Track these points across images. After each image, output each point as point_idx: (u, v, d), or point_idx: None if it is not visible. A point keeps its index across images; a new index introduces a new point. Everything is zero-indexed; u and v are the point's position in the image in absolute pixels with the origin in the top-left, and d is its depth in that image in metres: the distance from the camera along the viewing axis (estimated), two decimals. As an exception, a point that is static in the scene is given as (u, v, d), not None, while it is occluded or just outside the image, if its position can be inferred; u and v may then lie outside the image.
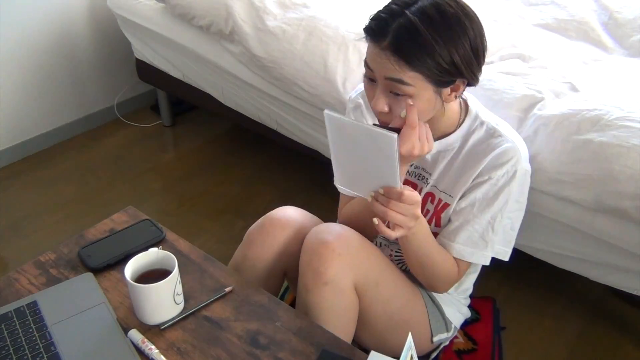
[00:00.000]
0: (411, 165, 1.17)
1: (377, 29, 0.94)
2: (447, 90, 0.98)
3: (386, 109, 0.97)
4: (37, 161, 2.33)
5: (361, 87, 1.18)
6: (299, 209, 1.23)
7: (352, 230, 1.10)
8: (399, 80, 0.93)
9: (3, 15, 2.09)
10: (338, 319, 1.06)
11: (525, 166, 1.09)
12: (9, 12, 2.11)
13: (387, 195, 0.89)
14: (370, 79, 1.00)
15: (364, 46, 1.63)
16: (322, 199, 1.31)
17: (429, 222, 1.13)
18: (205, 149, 2.43)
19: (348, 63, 1.58)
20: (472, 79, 0.98)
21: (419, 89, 0.94)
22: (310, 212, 1.25)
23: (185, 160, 2.37)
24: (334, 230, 1.07)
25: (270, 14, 1.72)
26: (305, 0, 1.75)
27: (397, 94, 0.95)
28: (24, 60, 2.22)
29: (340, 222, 1.21)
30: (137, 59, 2.31)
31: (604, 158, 1.22)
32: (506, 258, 1.16)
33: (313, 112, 1.71)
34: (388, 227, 0.93)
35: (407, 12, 0.92)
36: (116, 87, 2.58)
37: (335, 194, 1.31)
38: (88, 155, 2.38)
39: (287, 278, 1.26)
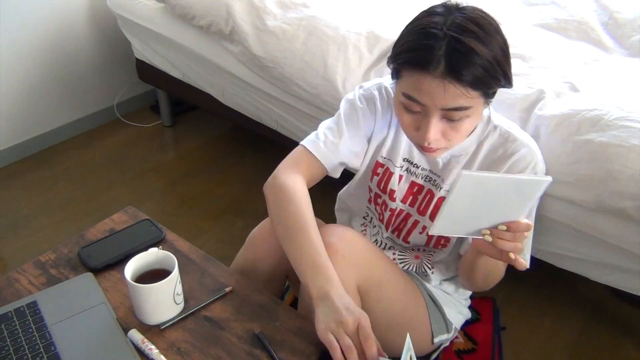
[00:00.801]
0: (425, 170, 1.14)
1: (423, 58, 0.89)
2: (490, 101, 0.98)
3: (441, 137, 0.96)
4: (37, 161, 2.33)
5: (364, 84, 1.17)
6: None
7: (355, 231, 1.10)
8: (461, 107, 0.91)
9: (3, 16, 2.09)
10: None
11: (542, 167, 1.09)
12: (9, 12, 2.11)
13: (515, 230, 0.86)
14: (407, 109, 0.96)
15: (364, 46, 1.64)
16: (322, 198, 1.30)
17: None
18: (205, 149, 2.43)
19: (348, 63, 1.58)
20: (511, 81, 0.97)
21: (476, 106, 0.93)
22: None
23: (185, 160, 2.37)
24: (337, 232, 1.06)
25: (270, 13, 1.72)
26: (305, 0, 1.75)
27: (453, 120, 0.94)
28: (24, 60, 2.22)
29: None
30: (137, 59, 2.31)
31: (604, 158, 1.22)
32: (527, 264, 1.13)
33: (313, 112, 1.71)
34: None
35: (449, 32, 0.88)
36: (116, 87, 2.58)
37: (335, 194, 1.31)
38: (88, 155, 2.38)
39: (289, 280, 1.26)
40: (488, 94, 0.95)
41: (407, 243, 1.21)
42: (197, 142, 2.47)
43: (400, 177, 1.15)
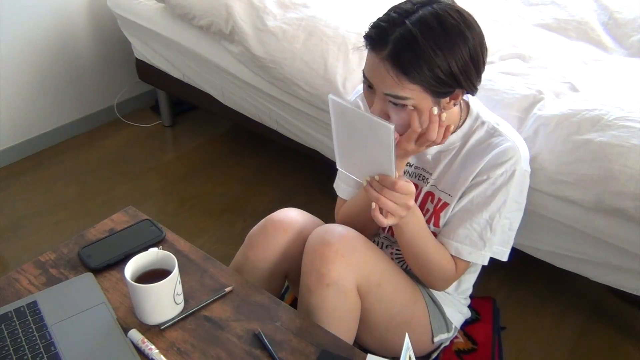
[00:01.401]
0: (411, 166, 1.17)
1: (376, 37, 0.93)
2: (445, 100, 0.98)
3: (383, 117, 0.98)
4: (37, 161, 2.33)
5: (360, 88, 1.18)
6: (300, 210, 1.23)
7: (355, 231, 1.10)
8: (397, 96, 0.94)
9: (3, 16, 2.09)
10: (340, 320, 1.06)
11: (524, 167, 1.09)
12: (9, 13, 2.11)
13: (382, 183, 0.90)
14: (369, 86, 1.00)
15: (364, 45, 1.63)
16: (322, 198, 1.31)
17: (428, 221, 1.13)
18: (205, 149, 2.43)
19: (348, 63, 1.58)
20: (470, 89, 0.98)
21: (418, 100, 0.94)
22: (311, 212, 1.25)
23: (186, 160, 2.37)
24: (337, 232, 1.07)
25: (270, 14, 1.72)
26: (305, 0, 1.75)
27: (396, 104, 0.96)
28: (24, 60, 2.22)
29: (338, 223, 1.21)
30: (137, 59, 2.31)
31: (604, 158, 1.22)
32: (504, 258, 1.16)
33: (313, 112, 1.71)
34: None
35: (407, 21, 0.90)
36: (116, 87, 2.58)
37: (335, 194, 1.31)
38: (88, 155, 2.38)
39: (288, 279, 1.26)
40: (437, 93, 0.95)
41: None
42: (197, 142, 2.47)
43: None
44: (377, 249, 1.14)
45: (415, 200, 1.14)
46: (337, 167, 0.98)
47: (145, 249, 0.98)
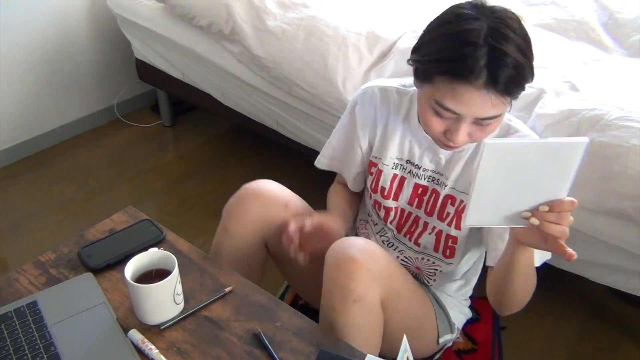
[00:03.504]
0: (427, 170, 1.13)
1: (466, 68, 0.85)
2: None
3: (469, 140, 0.96)
4: (37, 161, 2.33)
5: (363, 88, 1.17)
6: (274, 182, 1.24)
7: (373, 243, 1.07)
8: (496, 115, 0.90)
9: (3, 16, 2.09)
10: (367, 336, 1.03)
11: None
12: (9, 13, 2.11)
13: (558, 209, 0.77)
14: (441, 115, 0.94)
15: (364, 45, 1.64)
16: (322, 199, 1.31)
17: (449, 224, 1.11)
18: (205, 149, 2.43)
19: (348, 63, 1.58)
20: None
21: (505, 109, 0.93)
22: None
23: (185, 160, 2.37)
24: (359, 245, 1.03)
25: (270, 14, 1.72)
26: (305, 0, 1.75)
27: (483, 125, 0.92)
28: (24, 60, 2.22)
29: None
30: (137, 59, 2.31)
31: (603, 158, 1.22)
32: (549, 256, 1.07)
33: (313, 112, 1.71)
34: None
35: (489, 41, 0.85)
36: (116, 87, 2.58)
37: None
38: (88, 155, 2.38)
39: (269, 248, 1.24)
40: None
41: (418, 245, 1.19)
42: (197, 142, 2.47)
43: (394, 175, 1.15)
44: (393, 259, 1.12)
45: (435, 205, 1.13)
46: (467, 224, 0.86)
47: (145, 249, 0.98)
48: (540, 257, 1.03)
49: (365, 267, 0.99)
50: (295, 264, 1.09)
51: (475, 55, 0.84)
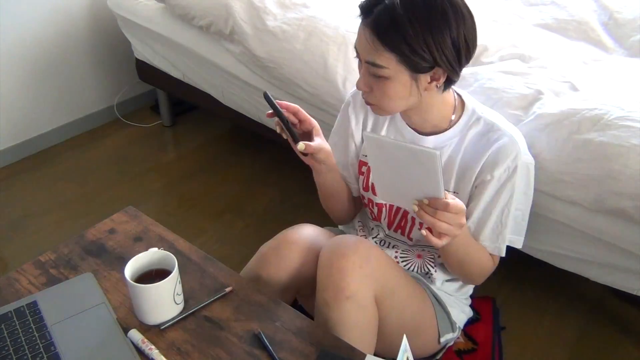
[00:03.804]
0: None
1: (365, 7, 0.99)
2: (425, 78, 1.00)
3: (366, 89, 1.03)
4: (37, 161, 2.33)
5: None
6: (314, 226, 1.21)
7: (367, 240, 1.09)
8: (374, 63, 0.98)
9: (3, 16, 2.09)
10: (361, 332, 1.04)
11: (525, 159, 1.10)
12: (9, 12, 2.11)
13: (433, 206, 0.90)
14: (360, 60, 1.03)
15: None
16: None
17: None
18: (205, 149, 2.43)
19: (348, 63, 1.58)
20: (450, 71, 0.99)
21: (394, 71, 0.98)
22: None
23: (185, 160, 2.37)
24: (351, 242, 1.05)
25: (270, 14, 1.72)
26: (305, 0, 1.75)
27: (376, 76, 1.00)
28: (24, 60, 2.22)
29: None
30: (137, 59, 2.31)
31: (604, 158, 1.22)
32: (519, 245, 1.20)
33: (313, 112, 1.69)
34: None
35: None
36: (116, 87, 2.58)
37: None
38: (88, 155, 2.38)
39: (299, 295, 1.24)
40: (412, 67, 0.97)
41: (411, 240, 1.21)
42: (197, 142, 2.47)
43: None
44: (388, 257, 1.13)
45: None
46: (379, 200, 0.98)
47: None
48: (497, 245, 1.12)
49: (358, 264, 1.01)
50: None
51: (377, 2, 0.96)
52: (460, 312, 1.26)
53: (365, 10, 0.98)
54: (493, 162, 1.06)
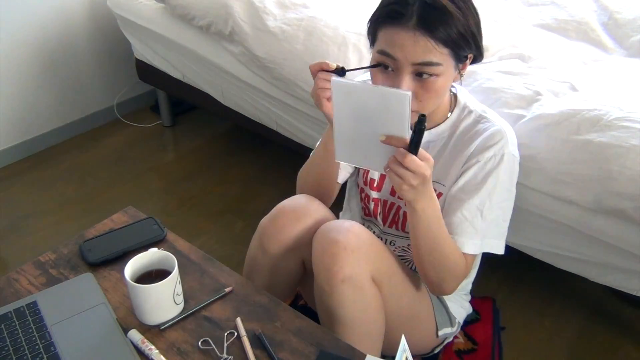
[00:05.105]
0: None
1: (395, 10, 0.93)
2: (461, 67, 1.01)
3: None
4: (37, 161, 2.33)
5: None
6: (308, 196, 1.21)
7: (360, 225, 1.08)
8: (430, 62, 0.94)
9: (3, 16, 2.09)
10: (363, 313, 1.03)
11: (512, 151, 1.08)
12: (9, 13, 2.11)
13: (389, 141, 0.87)
14: (385, 66, 0.98)
15: (364, 45, 1.64)
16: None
17: None
18: (205, 149, 2.43)
19: (348, 63, 1.58)
20: (480, 53, 1.02)
21: (446, 67, 0.96)
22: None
23: (185, 160, 2.37)
24: (342, 227, 1.05)
25: (270, 14, 1.72)
26: (305, 0, 1.75)
27: (422, 76, 0.96)
28: (24, 60, 2.22)
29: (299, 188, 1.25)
30: (137, 59, 2.31)
31: (603, 158, 1.22)
32: (501, 251, 1.12)
33: (313, 112, 1.71)
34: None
35: None
36: (116, 87, 2.58)
37: (341, 197, 1.31)
38: (88, 155, 2.38)
39: (306, 265, 1.22)
40: (459, 57, 0.97)
41: (406, 232, 1.20)
42: (197, 142, 2.47)
43: None
44: (380, 242, 1.13)
45: None
46: (337, 160, 0.96)
47: (146, 247, 0.98)
48: (474, 245, 1.06)
49: (350, 248, 1.01)
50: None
51: (407, 0, 0.93)
52: (459, 306, 1.26)
53: (396, 14, 0.93)
54: (480, 147, 1.06)
